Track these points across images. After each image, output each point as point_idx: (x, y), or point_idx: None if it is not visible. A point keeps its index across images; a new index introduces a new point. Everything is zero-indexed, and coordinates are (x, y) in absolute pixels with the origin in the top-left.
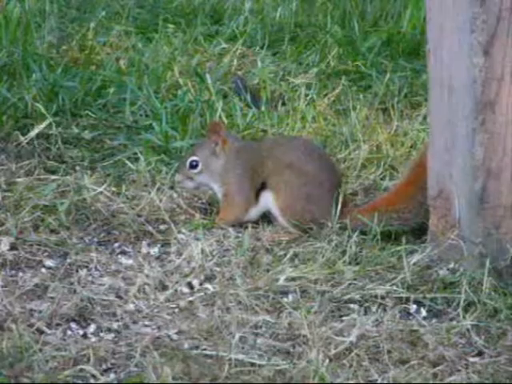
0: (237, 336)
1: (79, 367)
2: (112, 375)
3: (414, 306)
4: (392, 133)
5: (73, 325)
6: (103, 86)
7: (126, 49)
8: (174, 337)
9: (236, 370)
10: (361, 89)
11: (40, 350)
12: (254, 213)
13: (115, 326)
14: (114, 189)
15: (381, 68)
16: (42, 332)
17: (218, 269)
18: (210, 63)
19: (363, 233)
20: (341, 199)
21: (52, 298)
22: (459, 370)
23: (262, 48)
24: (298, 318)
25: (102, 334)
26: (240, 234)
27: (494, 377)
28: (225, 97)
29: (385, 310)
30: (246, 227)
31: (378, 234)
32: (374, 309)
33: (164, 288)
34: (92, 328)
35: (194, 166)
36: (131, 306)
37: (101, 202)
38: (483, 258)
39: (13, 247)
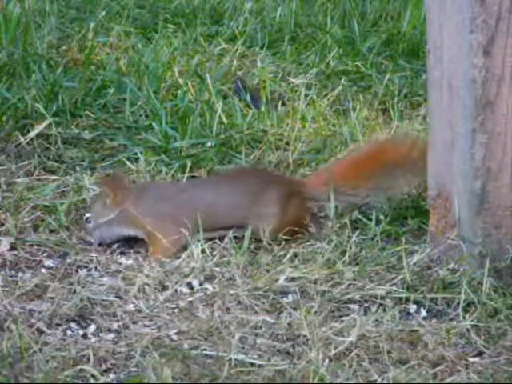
0: (237, 336)
1: (79, 367)
2: (112, 375)
3: (414, 306)
4: (392, 133)
5: (73, 325)
6: (103, 86)
7: (125, 49)
8: (174, 337)
9: (236, 370)
10: (361, 89)
11: (40, 350)
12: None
13: (115, 326)
14: None
15: (381, 68)
16: (41, 332)
17: (217, 269)
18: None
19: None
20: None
21: (52, 298)
22: (459, 370)
23: (261, 48)
24: (298, 319)
25: (101, 335)
26: (240, 234)
27: (493, 377)
28: (225, 97)
29: (385, 310)
30: (245, 229)
31: (378, 234)
32: (373, 309)
33: (164, 288)
34: (92, 328)
35: (89, 222)
36: (131, 307)
37: None
38: (483, 258)
39: (13, 247)
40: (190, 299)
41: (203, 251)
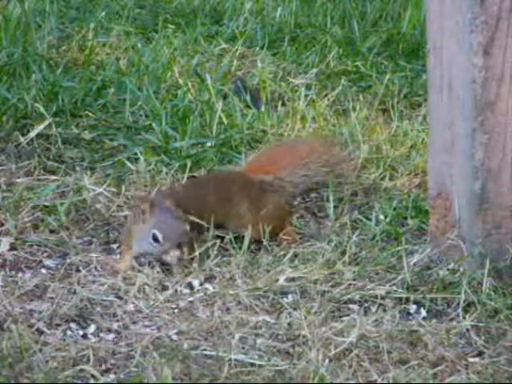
0: (237, 336)
1: (79, 367)
2: (112, 376)
3: (414, 307)
4: (392, 133)
5: (73, 325)
6: (103, 86)
7: (125, 49)
8: (174, 337)
9: (236, 371)
10: (361, 89)
11: (40, 351)
12: None
13: (115, 326)
14: (113, 189)
15: (381, 68)
16: (41, 332)
17: (217, 269)
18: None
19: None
20: None
21: (52, 298)
22: (459, 371)
23: (261, 48)
24: (298, 319)
25: (101, 335)
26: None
27: (494, 377)
28: (225, 97)
29: (385, 310)
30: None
31: (378, 235)
32: (373, 309)
33: (164, 288)
34: (92, 328)
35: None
36: (131, 307)
37: (100, 202)
38: (483, 258)
39: (13, 247)
40: (190, 299)
41: (205, 251)
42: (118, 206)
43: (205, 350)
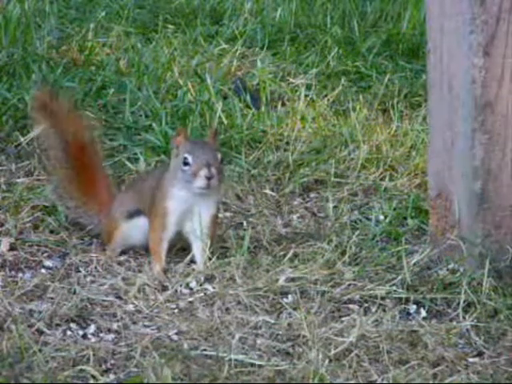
0: (237, 336)
1: (79, 368)
2: (112, 376)
3: (414, 307)
4: (392, 133)
5: (73, 325)
6: (103, 86)
7: (125, 49)
8: (174, 337)
9: (236, 371)
10: (361, 89)
11: (40, 351)
12: None
13: (115, 326)
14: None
15: (381, 68)
16: (41, 332)
17: (217, 269)
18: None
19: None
20: None
21: (52, 298)
22: (459, 371)
23: (261, 48)
24: (298, 319)
25: (101, 335)
26: (240, 234)
27: (493, 377)
28: (225, 97)
29: (384, 310)
30: (245, 229)
31: (378, 235)
32: (373, 309)
33: (164, 288)
34: (92, 328)
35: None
36: (131, 307)
37: None
38: (483, 258)
39: (13, 247)
40: (190, 299)
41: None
42: None
43: (205, 350)
